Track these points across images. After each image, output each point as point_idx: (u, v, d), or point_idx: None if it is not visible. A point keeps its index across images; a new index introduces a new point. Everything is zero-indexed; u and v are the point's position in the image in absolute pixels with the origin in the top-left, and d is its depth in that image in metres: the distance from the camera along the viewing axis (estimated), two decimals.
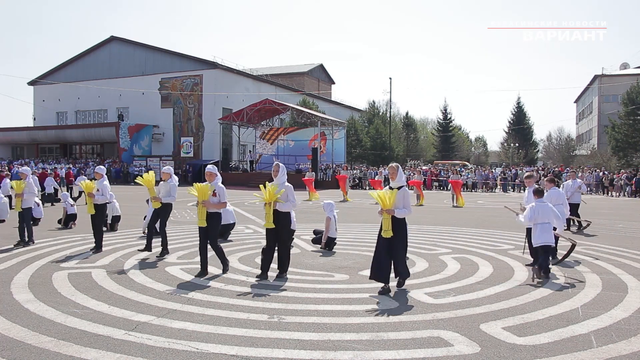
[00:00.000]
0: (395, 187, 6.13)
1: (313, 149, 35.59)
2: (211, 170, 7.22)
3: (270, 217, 6.66)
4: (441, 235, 11.24)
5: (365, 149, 56.41)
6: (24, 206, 9.35)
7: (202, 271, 6.96)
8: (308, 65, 70.30)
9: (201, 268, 6.99)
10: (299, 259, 8.32)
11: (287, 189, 6.76)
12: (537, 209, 7.00)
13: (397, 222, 6.03)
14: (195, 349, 4.21)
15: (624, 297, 5.93)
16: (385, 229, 6.00)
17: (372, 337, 4.51)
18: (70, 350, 4.15)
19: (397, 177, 6.15)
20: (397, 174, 6.15)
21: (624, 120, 44.23)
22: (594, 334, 4.63)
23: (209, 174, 7.16)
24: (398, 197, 6.02)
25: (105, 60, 50.03)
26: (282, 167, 6.97)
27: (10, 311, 5.26)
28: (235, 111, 38.93)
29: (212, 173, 7.17)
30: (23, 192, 9.26)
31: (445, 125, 67.27)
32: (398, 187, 6.10)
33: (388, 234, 5.98)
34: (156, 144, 47.13)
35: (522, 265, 7.79)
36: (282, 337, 4.50)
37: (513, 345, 4.34)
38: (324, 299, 5.79)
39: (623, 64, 64.62)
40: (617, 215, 16.25)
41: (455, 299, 5.81)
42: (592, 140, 63.83)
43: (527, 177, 8.16)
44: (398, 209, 5.99)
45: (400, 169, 6.23)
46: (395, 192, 6.04)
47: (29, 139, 49.27)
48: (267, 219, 6.70)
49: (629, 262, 8.17)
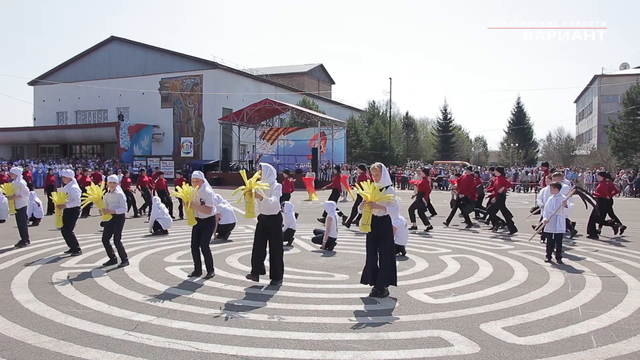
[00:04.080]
0: (380, 187, 5.85)
1: (313, 149, 35.58)
2: (197, 177, 6.99)
3: (251, 206, 6.18)
4: (441, 235, 11.23)
5: (365, 149, 56.43)
6: (18, 207, 9.33)
7: (195, 271, 6.95)
8: (308, 65, 70.30)
9: (195, 268, 6.98)
10: (299, 259, 8.32)
11: (272, 185, 6.33)
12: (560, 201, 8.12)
13: (383, 226, 5.80)
14: (195, 349, 4.22)
15: (624, 297, 5.93)
16: (364, 223, 5.76)
17: (372, 337, 4.51)
18: (70, 350, 4.16)
19: (382, 177, 5.88)
20: (382, 174, 5.89)
21: (623, 120, 44.25)
22: (594, 334, 4.63)
23: (195, 180, 6.95)
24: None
25: (105, 60, 50.01)
26: (265, 169, 6.46)
27: (10, 311, 5.26)
28: (235, 111, 38.93)
29: (198, 179, 6.96)
30: (15, 193, 9.26)
31: (445, 125, 67.28)
32: (382, 188, 5.83)
33: (366, 229, 5.77)
34: (156, 144, 47.13)
35: (522, 265, 7.79)
36: (282, 337, 4.50)
37: (513, 345, 4.34)
38: (324, 299, 5.79)
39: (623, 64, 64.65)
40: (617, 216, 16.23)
41: (455, 299, 5.81)
42: (592, 140, 63.83)
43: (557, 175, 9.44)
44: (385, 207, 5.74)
45: (384, 169, 5.98)
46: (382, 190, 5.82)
47: (29, 139, 49.25)
48: (247, 208, 6.18)
49: (629, 262, 8.17)
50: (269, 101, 37.10)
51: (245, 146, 44.15)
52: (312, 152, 35.22)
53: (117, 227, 7.74)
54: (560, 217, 8.01)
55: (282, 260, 6.61)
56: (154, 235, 10.95)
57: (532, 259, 8.31)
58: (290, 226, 9.83)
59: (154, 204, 11.87)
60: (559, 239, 8.06)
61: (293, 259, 8.28)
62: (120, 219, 7.79)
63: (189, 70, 46.26)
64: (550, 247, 8.14)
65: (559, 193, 8.21)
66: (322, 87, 69.43)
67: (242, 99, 46.39)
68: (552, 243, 8.11)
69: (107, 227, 7.82)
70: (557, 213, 7.98)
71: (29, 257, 8.32)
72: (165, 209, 11.80)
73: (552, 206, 8.15)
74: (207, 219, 6.99)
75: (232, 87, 47.09)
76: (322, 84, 70.24)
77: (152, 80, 47.10)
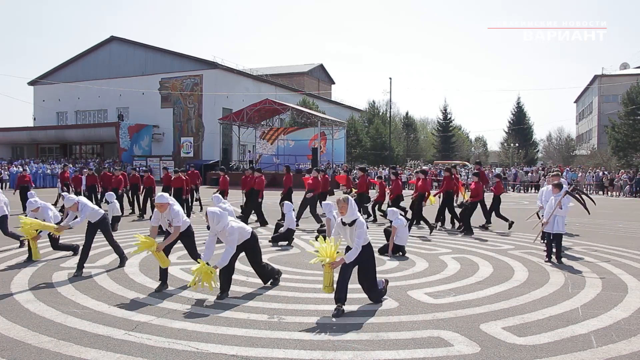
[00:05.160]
0: (348, 221, 5.38)
1: (313, 149, 35.54)
2: (162, 201, 6.33)
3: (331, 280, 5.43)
4: (441, 235, 11.23)
5: (365, 149, 56.43)
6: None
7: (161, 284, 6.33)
8: (308, 65, 70.29)
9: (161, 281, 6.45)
10: (299, 259, 8.31)
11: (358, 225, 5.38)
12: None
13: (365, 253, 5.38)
14: (195, 349, 4.22)
15: (624, 297, 5.93)
16: (326, 285, 5.33)
17: (372, 337, 4.51)
18: (70, 350, 4.16)
19: (348, 211, 5.35)
20: (348, 208, 5.35)
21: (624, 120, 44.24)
22: (594, 334, 4.63)
23: (160, 205, 6.30)
24: (352, 233, 5.36)
25: (105, 60, 50.00)
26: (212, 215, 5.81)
27: (10, 311, 5.27)
28: (235, 111, 38.90)
29: (162, 204, 6.31)
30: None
31: (445, 125, 67.25)
32: (351, 222, 5.37)
33: (329, 290, 5.33)
34: (156, 144, 47.11)
35: (522, 265, 7.79)
36: (282, 337, 4.50)
37: (513, 345, 4.34)
38: (324, 299, 5.79)
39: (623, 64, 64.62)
40: (617, 215, 16.26)
41: (455, 299, 5.81)
42: (592, 140, 63.83)
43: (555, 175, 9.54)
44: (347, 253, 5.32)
45: (351, 201, 5.42)
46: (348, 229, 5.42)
47: (29, 139, 49.23)
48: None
49: (629, 262, 8.17)
50: (269, 101, 37.09)
51: (245, 146, 44.15)
52: (312, 152, 35.19)
53: (103, 230, 7.50)
54: (558, 218, 8.03)
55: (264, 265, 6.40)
56: None
57: (532, 259, 8.31)
58: (290, 226, 9.84)
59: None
60: (558, 239, 8.07)
61: (293, 259, 8.28)
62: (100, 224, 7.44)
63: (189, 70, 46.25)
64: (550, 247, 8.15)
65: (559, 193, 8.23)
66: (322, 87, 69.42)
67: (242, 99, 46.38)
68: (551, 243, 8.13)
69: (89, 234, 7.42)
70: (555, 213, 8.00)
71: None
72: None
73: (552, 206, 8.18)
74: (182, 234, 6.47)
75: (232, 87, 47.08)
76: (322, 84, 70.23)
77: (152, 80, 47.08)
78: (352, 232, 5.37)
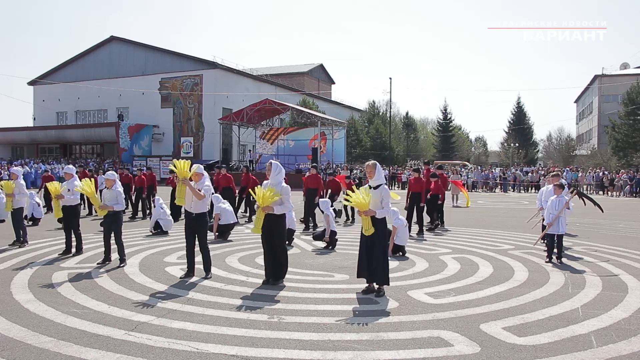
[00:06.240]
0: (373, 185, 5.92)
1: (313, 149, 35.55)
2: (198, 171, 7.00)
3: (261, 221, 6.31)
4: (441, 235, 11.24)
5: (365, 149, 56.43)
6: (15, 206, 9.38)
7: (188, 272, 6.86)
8: (308, 65, 70.29)
9: (188, 269, 6.89)
10: (299, 259, 8.31)
11: (282, 190, 6.38)
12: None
13: (376, 223, 5.84)
14: (195, 349, 4.21)
15: (624, 297, 5.93)
16: (366, 228, 5.84)
17: (372, 337, 4.51)
18: (70, 350, 4.15)
19: (375, 175, 5.93)
20: (375, 172, 5.93)
21: (624, 120, 44.26)
22: (594, 334, 4.63)
23: (196, 174, 6.96)
24: (376, 196, 5.84)
25: (105, 60, 50.02)
26: (275, 166, 6.53)
27: (10, 311, 5.26)
28: (235, 111, 38.90)
29: (198, 173, 6.98)
30: (14, 193, 9.28)
31: (445, 125, 67.26)
32: (376, 186, 5.90)
33: (369, 232, 5.81)
34: (156, 144, 47.12)
35: (522, 265, 7.79)
36: (282, 337, 4.50)
37: (513, 345, 4.34)
38: (324, 299, 5.79)
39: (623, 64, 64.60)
40: (617, 215, 16.25)
41: (455, 299, 5.81)
42: (592, 140, 63.84)
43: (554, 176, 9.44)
44: (378, 209, 5.80)
45: (378, 167, 5.99)
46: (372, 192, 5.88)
47: (29, 139, 49.25)
48: (256, 224, 6.35)
49: (629, 262, 8.17)
50: (269, 101, 37.09)
51: (245, 146, 44.13)
52: (312, 152, 35.19)
53: (116, 224, 7.79)
54: (561, 218, 8.06)
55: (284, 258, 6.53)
56: (154, 235, 10.95)
57: (532, 259, 8.31)
58: (290, 226, 9.82)
59: (157, 204, 11.84)
60: (559, 239, 8.08)
61: (293, 259, 8.27)
62: (118, 216, 7.84)
63: (189, 70, 46.27)
64: (551, 247, 8.15)
65: (561, 194, 8.24)
66: (322, 87, 69.41)
67: (242, 99, 46.37)
68: (552, 243, 8.13)
69: (106, 225, 7.86)
70: (561, 215, 8.03)
71: (28, 257, 8.32)
72: (167, 210, 11.75)
73: (554, 207, 8.18)
74: (198, 216, 6.83)
75: (232, 87, 47.08)
76: (322, 84, 70.22)
77: (152, 80, 47.10)
78: (376, 195, 5.83)
